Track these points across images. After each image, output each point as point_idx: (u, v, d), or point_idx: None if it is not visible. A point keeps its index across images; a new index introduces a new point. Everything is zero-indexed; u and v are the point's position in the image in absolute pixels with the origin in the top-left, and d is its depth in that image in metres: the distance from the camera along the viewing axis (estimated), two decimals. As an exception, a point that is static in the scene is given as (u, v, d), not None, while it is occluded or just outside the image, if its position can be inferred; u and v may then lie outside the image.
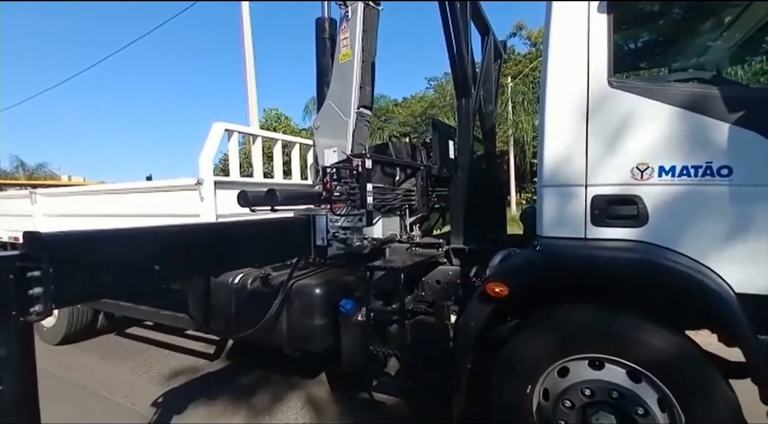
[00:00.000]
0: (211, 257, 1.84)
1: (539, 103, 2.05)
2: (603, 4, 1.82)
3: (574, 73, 1.87)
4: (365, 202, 2.50)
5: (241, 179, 3.51)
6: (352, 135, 2.95)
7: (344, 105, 2.98)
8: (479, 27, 3.35)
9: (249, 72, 7.49)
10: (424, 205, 3.45)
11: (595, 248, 1.84)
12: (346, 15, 2.90)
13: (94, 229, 1.53)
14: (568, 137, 1.89)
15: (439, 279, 2.84)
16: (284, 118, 23.90)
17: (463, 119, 2.91)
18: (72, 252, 1.30)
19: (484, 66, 3.32)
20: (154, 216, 3.11)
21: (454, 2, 2.55)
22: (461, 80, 2.74)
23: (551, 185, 1.96)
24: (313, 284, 2.69)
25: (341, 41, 2.97)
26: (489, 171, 3.86)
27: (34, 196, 4.21)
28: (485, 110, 3.58)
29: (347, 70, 2.94)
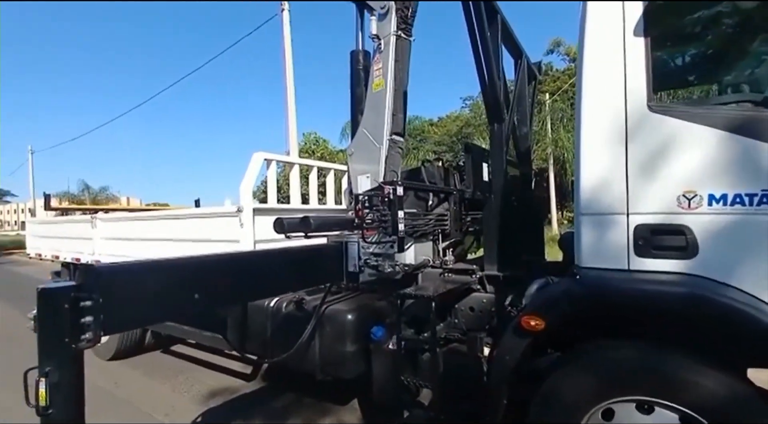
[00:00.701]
0: (248, 285, 1.90)
1: (575, 125, 1.99)
2: (639, 26, 1.76)
3: (610, 97, 1.81)
4: (397, 229, 2.51)
5: (278, 206, 3.65)
6: (385, 161, 2.99)
7: (377, 132, 3.04)
8: (511, 50, 3.35)
9: (290, 102, 7.88)
10: (457, 230, 3.40)
11: (640, 281, 1.72)
12: (379, 47, 2.99)
13: (140, 260, 1.63)
14: (606, 163, 1.82)
15: (473, 306, 2.77)
16: (322, 141, 24.74)
17: (496, 143, 2.88)
18: (120, 283, 1.40)
19: (518, 89, 3.29)
20: (199, 241, 3.29)
21: (483, 27, 2.57)
22: (493, 105, 2.73)
23: (590, 213, 1.88)
24: (345, 309, 2.70)
25: (374, 72, 3.06)
26: (524, 194, 3.76)
27: (94, 221, 4.59)
28: (519, 133, 3.53)
29: (380, 99, 3.01)
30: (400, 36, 2.92)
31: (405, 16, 2.91)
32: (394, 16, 2.88)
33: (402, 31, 2.93)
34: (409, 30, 3.00)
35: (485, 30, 2.46)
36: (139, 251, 3.97)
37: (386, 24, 2.93)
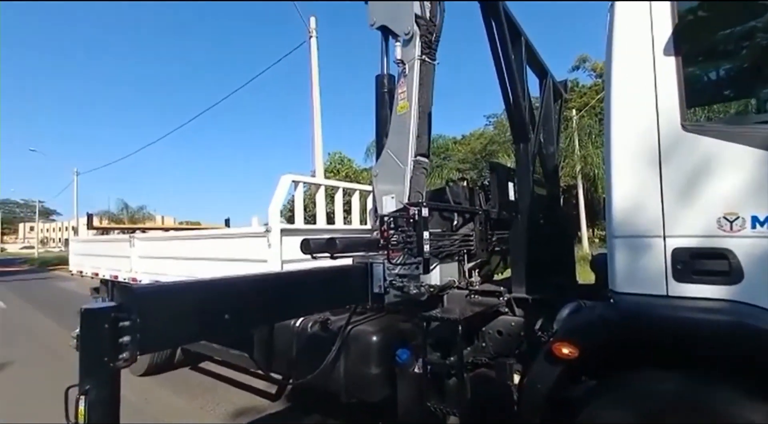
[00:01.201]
0: (275, 306, 1.94)
1: (604, 144, 1.95)
2: (669, 45, 1.74)
3: (641, 116, 1.77)
4: (422, 250, 2.50)
5: (305, 227, 3.73)
6: (410, 182, 3.02)
7: (402, 154, 3.08)
8: (536, 70, 3.35)
9: (316, 125, 8.13)
10: (483, 250, 3.35)
11: (680, 308, 1.64)
12: (403, 71, 3.06)
13: (174, 281, 1.70)
14: (639, 184, 1.76)
15: (501, 330, 2.69)
16: (347, 160, 25.19)
17: (522, 163, 2.85)
18: (156, 303, 1.46)
19: (543, 108, 3.26)
20: (229, 260, 3.38)
21: (507, 49, 2.59)
22: (519, 126, 2.72)
23: (623, 236, 1.81)
24: (370, 330, 2.69)
25: (399, 95, 3.12)
26: (552, 213, 3.67)
27: (132, 241, 4.82)
28: (546, 152, 3.48)
29: (404, 122, 3.06)
30: (424, 60, 2.99)
31: (429, 41, 2.98)
32: (418, 41, 2.96)
33: (426, 55, 3.00)
34: (433, 54, 3.06)
35: (509, 52, 2.47)
36: (173, 269, 4.12)
37: (411, 49, 3.00)
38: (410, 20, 2.98)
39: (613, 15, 1.91)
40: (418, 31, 2.97)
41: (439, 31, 3.05)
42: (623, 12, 1.88)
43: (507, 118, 2.94)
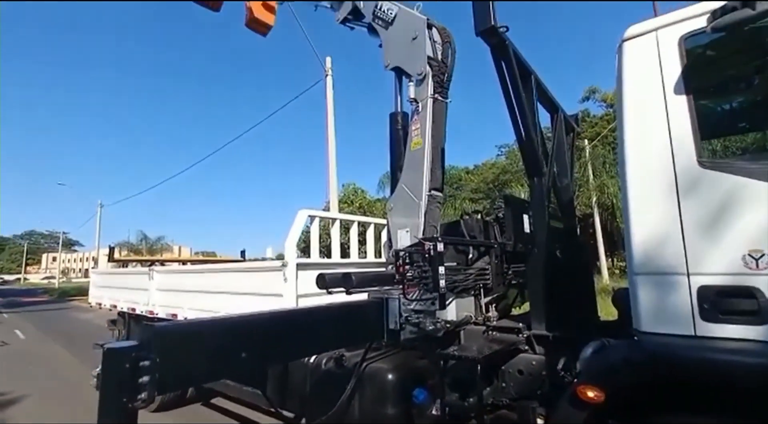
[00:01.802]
0: (291, 344, 1.93)
1: (620, 180, 1.95)
2: (680, 84, 1.77)
3: (656, 153, 1.78)
4: (438, 285, 2.48)
5: (320, 261, 3.75)
6: (424, 216, 3.04)
7: (416, 188, 3.13)
8: (547, 106, 3.41)
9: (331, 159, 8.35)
10: (499, 285, 3.29)
11: (709, 350, 1.57)
12: (416, 109, 3.17)
13: (193, 320, 1.72)
14: (659, 220, 1.75)
15: (522, 369, 2.59)
16: (360, 191, 25.50)
17: (537, 197, 2.85)
18: (176, 343, 1.47)
19: (555, 142, 3.29)
20: (245, 294, 3.40)
21: (518, 88, 2.65)
22: (532, 160, 2.74)
23: (645, 273, 1.77)
24: (386, 368, 2.63)
25: (413, 131, 3.21)
26: (570, 247, 3.61)
27: (151, 273, 4.91)
28: (560, 184, 3.48)
29: (418, 157, 3.13)
30: (436, 99, 3.09)
31: (441, 81, 3.09)
32: (430, 81, 3.07)
33: (438, 94, 3.11)
34: (445, 93, 3.16)
35: (520, 91, 2.54)
36: (190, 302, 4.16)
37: (423, 88, 3.12)
38: (423, 62, 3.12)
39: (622, 54, 1.97)
40: (431, 72, 3.09)
41: (450, 71, 3.17)
42: (632, 52, 1.94)
43: (519, 150, 2.98)
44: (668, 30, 1.84)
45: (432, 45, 3.16)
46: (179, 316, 4.25)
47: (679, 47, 1.81)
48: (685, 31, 1.80)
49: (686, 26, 1.80)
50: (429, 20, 3.20)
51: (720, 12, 1.61)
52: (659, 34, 1.86)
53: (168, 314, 4.46)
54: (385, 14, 3.54)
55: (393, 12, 3.46)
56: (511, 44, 2.45)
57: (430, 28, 3.19)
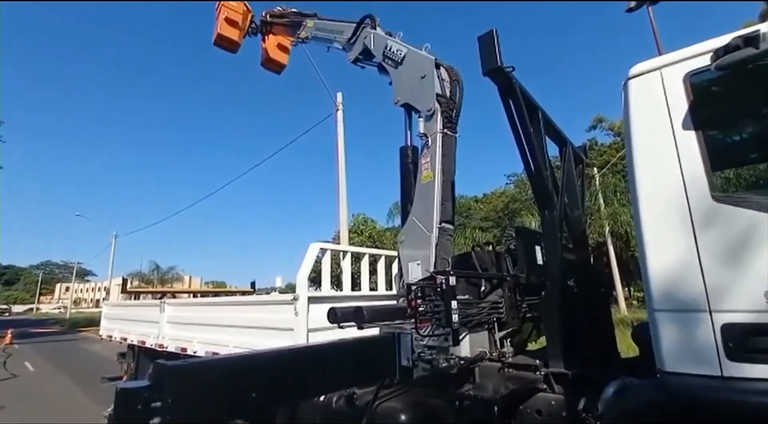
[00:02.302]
0: (301, 383, 1.90)
1: (633, 215, 1.95)
2: (687, 120, 1.79)
3: (668, 188, 1.78)
4: (450, 320, 2.43)
5: (332, 294, 3.73)
6: (435, 249, 3.03)
7: (426, 220, 3.15)
8: (555, 139, 3.45)
9: (341, 191, 8.48)
10: (513, 319, 3.22)
11: (738, 391, 1.50)
12: (426, 143, 3.24)
13: (205, 359, 1.72)
14: (676, 256, 1.72)
15: (540, 409, 2.49)
16: (370, 221, 25.60)
17: (549, 229, 2.84)
18: (188, 383, 1.46)
19: (565, 175, 3.31)
20: (255, 328, 3.38)
21: (525, 124, 2.71)
22: (542, 193, 2.76)
23: (666, 310, 1.73)
24: (399, 408, 2.54)
25: (423, 165, 3.27)
26: (584, 279, 3.55)
27: (163, 305, 4.92)
28: (572, 216, 3.46)
29: (429, 190, 3.17)
30: (446, 133, 3.17)
31: (450, 116, 3.18)
32: (439, 117, 3.16)
33: (447, 129, 3.18)
34: (454, 127, 3.24)
35: (528, 126, 2.59)
36: (200, 335, 4.13)
37: (433, 124, 3.20)
38: (432, 99, 3.22)
39: (628, 92, 2.01)
40: (439, 108, 3.18)
41: (459, 107, 3.26)
42: (637, 89, 1.98)
43: (529, 183, 3.00)
44: (673, 68, 1.89)
45: (440, 83, 3.27)
46: (189, 350, 4.21)
47: (685, 84, 1.84)
48: (690, 69, 1.84)
49: (690, 64, 1.85)
50: (437, 60, 3.33)
51: (723, 51, 1.65)
52: (664, 72, 1.90)
53: (178, 347, 4.42)
54: (394, 55, 3.70)
55: (402, 53, 3.62)
56: (517, 82, 2.53)
57: (438, 67, 3.31)
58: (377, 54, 3.98)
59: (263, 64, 6.95)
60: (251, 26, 6.51)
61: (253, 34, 6.63)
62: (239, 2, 6.31)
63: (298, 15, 5.87)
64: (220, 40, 6.30)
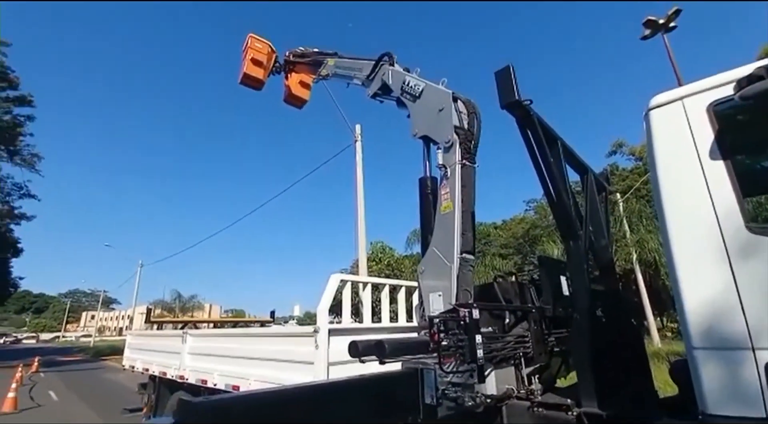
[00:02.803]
0: (321, 420, 1.86)
1: (664, 248, 1.89)
2: (715, 150, 1.76)
3: (699, 220, 1.72)
4: (475, 356, 2.36)
5: (352, 326, 3.69)
6: (457, 280, 2.99)
7: (447, 251, 3.12)
8: (576, 168, 3.43)
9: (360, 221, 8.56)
10: (541, 353, 3.09)
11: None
12: (445, 174, 3.26)
13: (225, 396, 1.72)
14: (713, 290, 1.64)
15: (574, 454, 2.34)
16: (388, 249, 25.49)
17: (574, 260, 2.77)
18: (212, 420, 1.46)
19: (588, 204, 3.26)
20: (276, 361, 3.35)
21: (545, 154, 2.71)
22: (565, 223, 2.71)
23: (705, 348, 1.64)
24: None
25: (442, 195, 3.28)
26: (615, 311, 3.40)
27: (185, 336, 4.96)
28: (597, 245, 3.37)
29: (449, 220, 3.16)
30: (465, 164, 3.19)
31: (468, 148, 3.21)
32: (458, 148, 3.19)
33: (466, 159, 3.20)
34: (473, 158, 3.26)
35: (548, 156, 2.59)
36: (221, 367, 4.12)
37: (451, 155, 3.24)
38: (450, 130, 3.27)
39: (650, 123, 2.00)
40: (458, 140, 3.22)
41: (477, 138, 3.29)
42: (659, 120, 1.97)
43: (552, 214, 2.96)
44: (695, 98, 1.88)
45: (458, 115, 3.33)
46: (209, 382, 4.19)
47: (709, 114, 1.83)
48: (713, 99, 1.83)
49: (713, 94, 1.84)
50: (454, 93, 3.41)
51: (746, 81, 1.64)
52: (686, 103, 1.89)
53: (198, 379, 4.41)
54: (412, 89, 3.81)
55: (420, 87, 3.73)
56: (535, 114, 2.56)
57: (456, 100, 3.38)
58: (395, 89, 4.11)
59: (286, 100, 7.26)
60: (275, 65, 6.85)
61: (276, 73, 6.97)
62: (264, 44, 6.69)
63: (319, 54, 6.17)
64: (246, 79, 6.65)
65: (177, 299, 40.46)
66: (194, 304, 41.99)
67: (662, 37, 11.72)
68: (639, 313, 15.48)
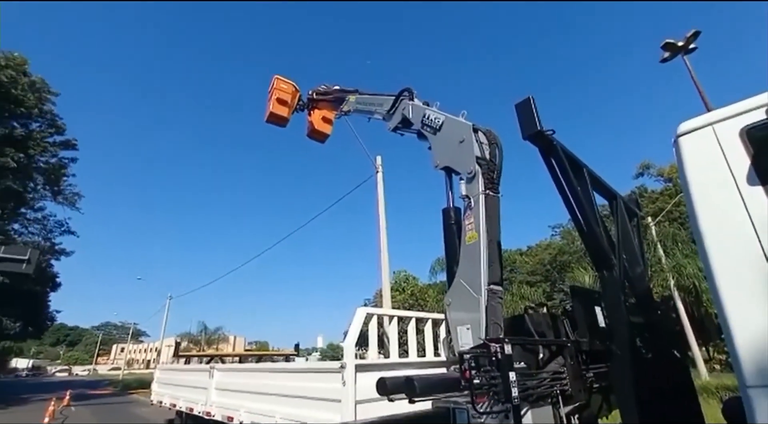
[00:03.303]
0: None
1: (707, 279, 1.79)
2: (752, 175, 1.69)
3: (742, 248, 1.64)
4: (510, 395, 2.25)
5: (379, 361, 3.61)
6: (486, 312, 2.91)
7: (474, 282, 3.06)
8: (604, 194, 3.36)
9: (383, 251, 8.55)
10: (579, 391, 2.91)
11: None
12: (469, 205, 3.25)
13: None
14: (765, 323, 1.54)
15: None
16: (412, 278, 25.15)
17: (610, 291, 2.66)
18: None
19: (620, 231, 3.16)
20: (302, 398, 3.29)
21: (571, 183, 2.67)
22: (597, 253, 2.63)
23: (759, 386, 1.52)
24: None
25: (467, 226, 3.26)
26: (656, 342, 3.20)
27: (212, 371, 4.97)
28: (633, 274, 3.23)
29: (474, 251, 3.12)
30: (488, 194, 3.18)
31: (491, 178, 3.21)
32: (480, 178, 3.20)
33: (489, 189, 3.19)
34: (496, 188, 3.25)
35: (574, 185, 2.56)
36: (247, 403, 4.08)
37: (474, 185, 3.24)
38: (472, 161, 3.29)
39: (680, 150, 1.96)
40: (480, 170, 3.23)
41: (499, 168, 3.29)
42: (690, 147, 1.93)
43: (583, 243, 2.87)
44: (726, 124, 1.83)
45: (479, 146, 3.35)
46: (235, 419, 4.15)
47: (742, 139, 1.78)
48: (745, 124, 1.78)
49: (745, 119, 1.79)
50: (474, 125, 3.46)
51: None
52: (716, 128, 1.85)
53: (224, 416, 4.37)
54: (432, 122, 3.89)
55: (440, 120, 3.81)
56: (558, 143, 2.55)
57: (476, 131, 3.42)
58: (416, 123, 4.20)
59: (309, 135, 7.52)
60: (299, 103, 7.18)
61: (300, 110, 7.28)
62: (289, 84, 7.04)
63: (340, 91, 6.43)
64: (272, 117, 6.97)
65: (203, 332, 40.87)
66: (219, 336, 42.25)
67: (683, 58, 11.61)
68: (682, 343, 14.45)
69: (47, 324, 37.67)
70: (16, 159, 21.68)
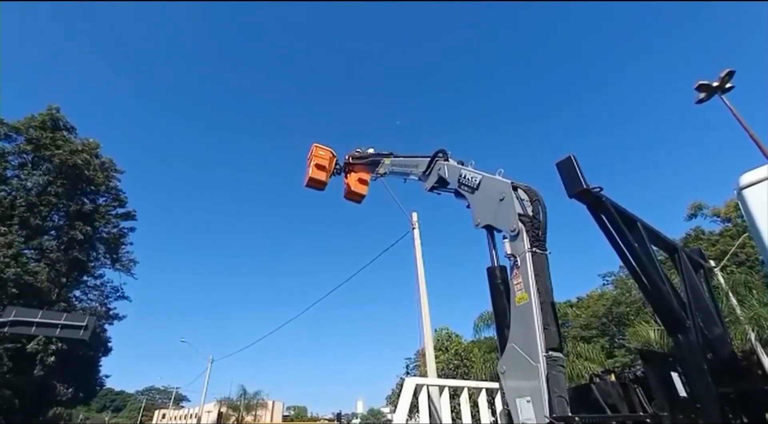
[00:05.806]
0: None
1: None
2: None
3: None
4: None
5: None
6: (547, 383, 2.67)
7: (530, 348, 2.85)
8: (663, 247, 3.15)
9: (424, 308, 8.30)
10: (670, 478, 2.52)
11: None
12: (515, 264, 3.14)
13: None
14: None
15: None
16: (455, 336, 23.85)
17: (689, 356, 2.40)
18: None
19: (688, 286, 2.90)
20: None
21: (627, 239, 2.54)
22: (667, 314, 2.42)
23: None
24: None
25: (515, 286, 3.11)
26: (752, 414, 2.76)
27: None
28: (711, 335, 2.90)
29: (526, 313, 2.95)
30: (535, 252, 3.05)
31: (537, 235, 3.10)
32: (525, 236, 3.10)
33: (536, 247, 3.08)
34: (543, 245, 3.13)
35: (629, 240, 2.43)
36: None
37: (519, 243, 3.14)
38: (514, 219, 3.22)
39: (745, 201, 1.85)
40: (524, 227, 3.14)
41: (544, 225, 3.19)
42: (756, 198, 1.82)
43: (650, 305, 2.65)
44: None
45: (521, 203, 3.30)
46: None
47: None
48: None
49: None
50: (513, 182, 3.44)
51: None
52: None
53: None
54: (469, 182, 3.92)
55: (477, 179, 3.83)
56: (607, 199, 2.48)
57: (516, 189, 3.39)
58: (452, 182, 4.26)
59: (346, 197, 7.80)
60: (336, 168, 7.55)
61: (337, 174, 7.64)
62: (326, 150, 7.49)
63: (376, 155, 6.73)
64: (311, 182, 7.35)
65: (242, 396, 40.04)
66: (258, 401, 41.14)
67: (721, 98, 11.31)
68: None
69: (96, 390, 38.34)
70: (84, 232, 23.78)
